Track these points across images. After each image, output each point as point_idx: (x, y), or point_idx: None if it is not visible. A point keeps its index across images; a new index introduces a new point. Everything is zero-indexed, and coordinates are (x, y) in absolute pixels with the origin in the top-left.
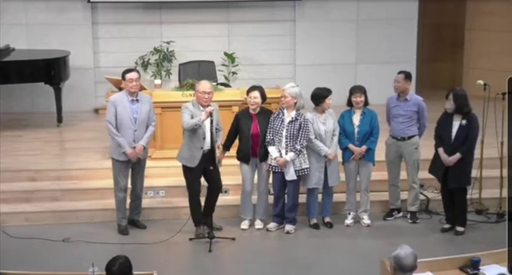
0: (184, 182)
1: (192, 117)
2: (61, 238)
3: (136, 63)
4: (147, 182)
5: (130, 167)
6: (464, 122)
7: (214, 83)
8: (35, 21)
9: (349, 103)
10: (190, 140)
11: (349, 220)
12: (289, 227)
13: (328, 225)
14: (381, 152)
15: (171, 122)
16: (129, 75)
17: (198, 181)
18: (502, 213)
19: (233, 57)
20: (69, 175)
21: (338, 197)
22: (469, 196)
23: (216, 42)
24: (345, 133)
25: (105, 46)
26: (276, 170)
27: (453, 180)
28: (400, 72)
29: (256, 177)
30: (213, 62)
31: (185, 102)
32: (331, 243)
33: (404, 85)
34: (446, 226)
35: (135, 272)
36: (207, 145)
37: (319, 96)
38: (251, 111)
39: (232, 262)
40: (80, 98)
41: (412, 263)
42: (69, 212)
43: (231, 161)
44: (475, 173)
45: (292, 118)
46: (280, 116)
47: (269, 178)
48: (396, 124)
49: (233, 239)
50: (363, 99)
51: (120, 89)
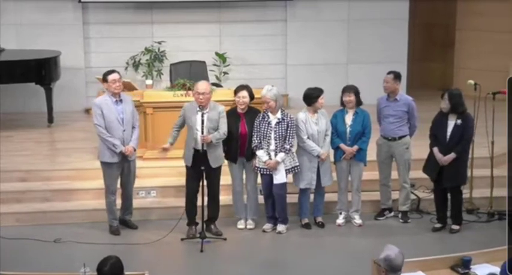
0: (175, 182)
1: (187, 121)
2: (52, 239)
3: (127, 63)
4: (139, 183)
5: (121, 169)
6: (459, 121)
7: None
8: (25, 22)
9: (342, 103)
10: (187, 140)
11: (340, 220)
12: (281, 227)
13: (320, 225)
14: (372, 152)
15: (162, 122)
16: (111, 77)
17: (195, 180)
18: (493, 212)
19: (224, 57)
20: (60, 176)
21: (329, 196)
22: None
23: (207, 42)
24: (337, 133)
25: (96, 46)
26: (263, 172)
27: (448, 179)
28: (389, 73)
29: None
30: (204, 62)
31: (176, 102)
32: (322, 243)
33: (393, 85)
34: (438, 225)
35: (126, 273)
36: (199, 145)
37: (311, 97)
38: (239, 111)
39: (224, 262)
40: (70, 98)
41: (402, 262)
42: (60, 213)
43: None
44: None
45: (278, 119)
46: (265, 119)
47: (257, 178)
48: (387, 124)
49: (225, 239)
50: (352, 98)
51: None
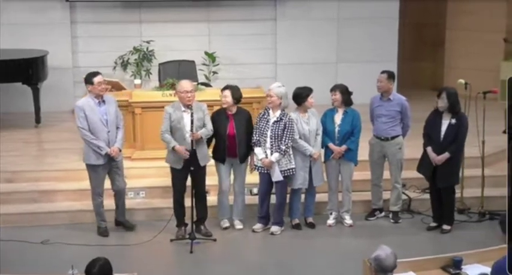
0: (164, 183)
1: (171, 123)
2: (40, 240)
3: (115, 62)
4: (127, 183)
5: (107, 170)
6: (453, 121)
7: (195, 83)
8: (12, 21)
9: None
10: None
11: (331, 220)
12: (275, 228)
13: (311, 225)
14: (363, 152)
15: (151, 122)
16: (97, 79)
17: (182, 182)
18: (484, 212)
19: (214, 57)
20: (48, 176)
21: (320, 197)
22: None
23: (196, 42)
24: (326, 132)
25: (84, 46)
26: (262, 171)
27: (442, 179)
28: (383, 72)
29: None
30: (193, 61)
31: (165, 102)
32: (313, 244)
33: (387, 85)
34: (433, 224)
35: (115, 274)
36: (188, 146)
37: (301, 96)
38: (228, 112)
39: (214, 263)
40: (58, 98)
41: (393, 263)
42: (48, 214)
43: (211, 162)
44: None
45: (277, 118)
46: (265, 116)
47: (245, 179)
48: (379, 124)
49: (214, 240)
50: (338, 97)
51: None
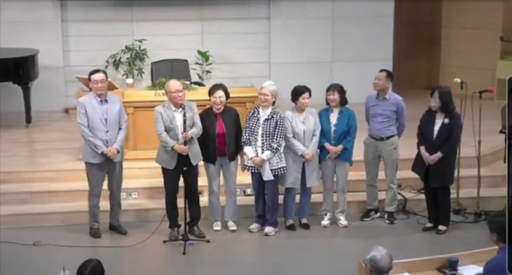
0: (157, 183)
1: (164, 124)
2: (31, 242)
3: (107, 62)
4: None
5: (106, 171)
6: (447, 120)
7: (188, 82)
8: (2, 19)
9: (327, 101)
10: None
11: (325, 221)
12: (269, 229)
13: (305, 226)
14: (359, 152)
15: (143, 122)
16: (94, 77)
17: (175, 182)
18: (480, 213)
19: (207, 56)
20: (40, 177)
21: (314, 197)
22: None
23: (189, 40)
24: (321, 132)
25: (75, 44)
26: (253, 171)
27: (435, 179)
28: (382, 70)
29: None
30: (186, 60)
31: (158, 101)
32: (308, 244)
33: (385, 83)
34: (429, 225)
35: None
36: None
37: (295, 93)
38: (215, 111)
39: (207, 264)
40: (49, 97)
41: (389, 264)
42: (39, 215)
43: (201, 162)
44: None
45: (268, 116)
46: (255, 114)
47: (235, 179)
48: (375, 124)
49: (208, 241)
50: (336, 97)
51: (91, 89)
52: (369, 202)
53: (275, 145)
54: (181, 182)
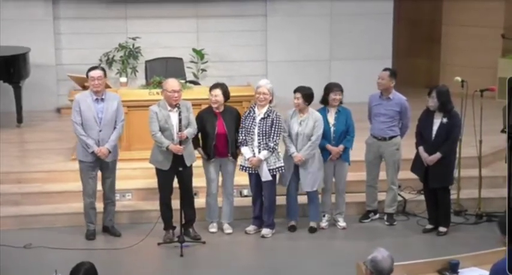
0: (152, 184)
1: (159, 124)
2: (22, 244)
3: (100, 60)
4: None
5: (98, 170)
6: (445, 120)
7: (183, 81)
8: None
9: (323, 101)
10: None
11: (323, 223)
12: (266, 231)
13: (311, 230)
14: (358, 152)
15: (138, 122)
16: (90, 74)
17: (169, 183)
18: (481, 214)
19: (202, 54)
20: (31, 178)
21: None
22: None
23: (184, 38)
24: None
25: (67, 42)
26: (250, 172)
27: (434, 180)
28: (385, 69)
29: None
30: (181, 58)
31: (152, 100)
32: (305, 247)
33: (388, 83)
34: (429, 226)
35: None
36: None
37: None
38: (215, 110)
39: (203, 267)
40: (41, 97)
41: (389, 266)
42: (31, 217)
43: (199, 162)
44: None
45: (264, 115)
46: (251, 114)
47: (233, 180)
48: (377, 123)
49: (203, 242)
50: (341, 97)
51: (84, 88)
52: (368, 203)
53: (272, 144)
54: (176, 183)
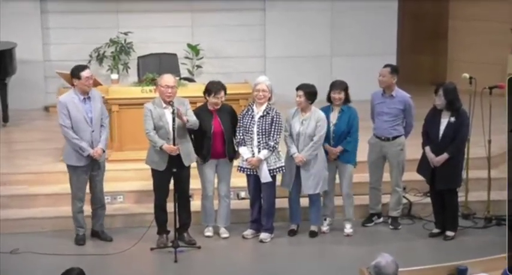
0: (144, 186)
1: (154, 122)
2: (8, 250)
3: (90, 56)
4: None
5: (90, 172)
6: (453, 119)
7: (177, 78)
8: None
9: (329, 99)
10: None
11: (324, 227)
12: (264, 235)
13: (311, 234)
14: (360, 153)
15: (129, 120)
16: (85, 74)
17: (165, 185)
18: (490, 217)
19: (197, 50)
20: (18, 180)
21: None
22: None
23: (178, 33)
24: None
25: (56, 37)
26: (249, 173)
27: (441, 181)
28: (386, 66)
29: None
30: (175, 54)
31: (145, 98)
32: (305, 252)
33: (390, 79)
34: (435, 230)
35: None
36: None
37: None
38: (210, 108)
39: (198, 273)
40: (28, 94)
41: (394, 272)
42: (17, 221)
43: (193, 163)
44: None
45: (263, 113)
46: (249, 112)
47: (230, 181)
48: (380, 123)
49: (199, 247)
50: (342, 96)
51: (73, 85)
52: (372, 206)
53: (272, 143)
54: (171, 185)
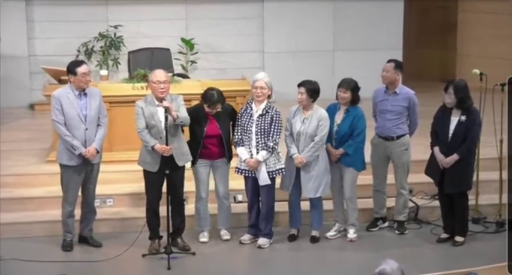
0: (136, 189)
1: (145, 120)
2: None
3: (78, 51)
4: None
5: (83, 174)
6: (463, 118)
7: (170, 74)
8: None
9: (337, 96)
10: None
11: (330, 232)
12: (262, 240)
13: (312, 239)
14: (366, 154)
15: (120, 119)
16: (82, 70)
17: (158, 187)
18: (502, 222)
19: (192, 44)
20: (1, 182)
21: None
22: None
23: (171, 27)
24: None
25: (41, 31)
26: (247, 175)
27: (451, 184)
28: (389, 61)
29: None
30: (168, 49)
31: (136, 96)
32: (305, 258)
33: (394, 75)
34: (444, 235)
35: None
36: (164, 144)
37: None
38: (207, 110)
39: None
40: (12, 91)
41: None
42: (1, 226)
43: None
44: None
45: (262, 112)
46: (248, 110)
47: (228, 182)
48: (383, 121)
49: (193, 254)
50: (348, 95)
51: (60, 81)
52: (376, 210)
53: (271, 144)
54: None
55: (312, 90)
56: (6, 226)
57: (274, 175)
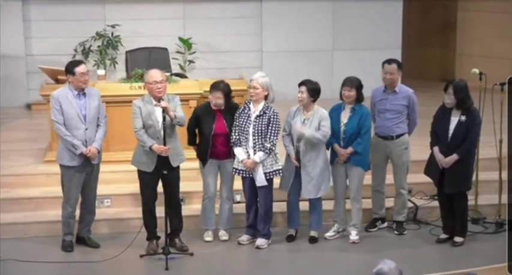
0: (133, 189)
1: (143, 120)
2: None
3: (75, 50)
4: None
5: (84, 174)
6: (463, 118)
7: (168, 74)
8: None
9: (340, 96)
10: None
11: (329, 233)
12: (260, 241)
13: (311, 240)
14: None
15: (117, 119)
16: (80, 69)
17: (153, 187)
18: (502, 222)
19: (189, 44)
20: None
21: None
22: None
23: (169, 26)
24: (331, 131)
25: (38, 31)
26: (244, 175)
27: (450, 184)
28: (391, 62)
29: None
30: (166, 49)
31: (134, 95)
32: (303, 259)
33: (397, 76)
34: (443, 236)
35: None
36: (161, 144)
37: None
38: (213, 108)
39: None
40: (9, 91)
41: None
42: (0, 226)
43: (186, 165)
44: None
45: (259, 112)
46: (246, 111)
47: (233, 183)
48: (382, 121)
49: (191, 254)
50: (353, 94)
51: (57, 81)
52: (375, 210)
53: (268, 145)
54: (160, 188)
55: (312, 89)
56: (5, 227)
57: (271, 176)
